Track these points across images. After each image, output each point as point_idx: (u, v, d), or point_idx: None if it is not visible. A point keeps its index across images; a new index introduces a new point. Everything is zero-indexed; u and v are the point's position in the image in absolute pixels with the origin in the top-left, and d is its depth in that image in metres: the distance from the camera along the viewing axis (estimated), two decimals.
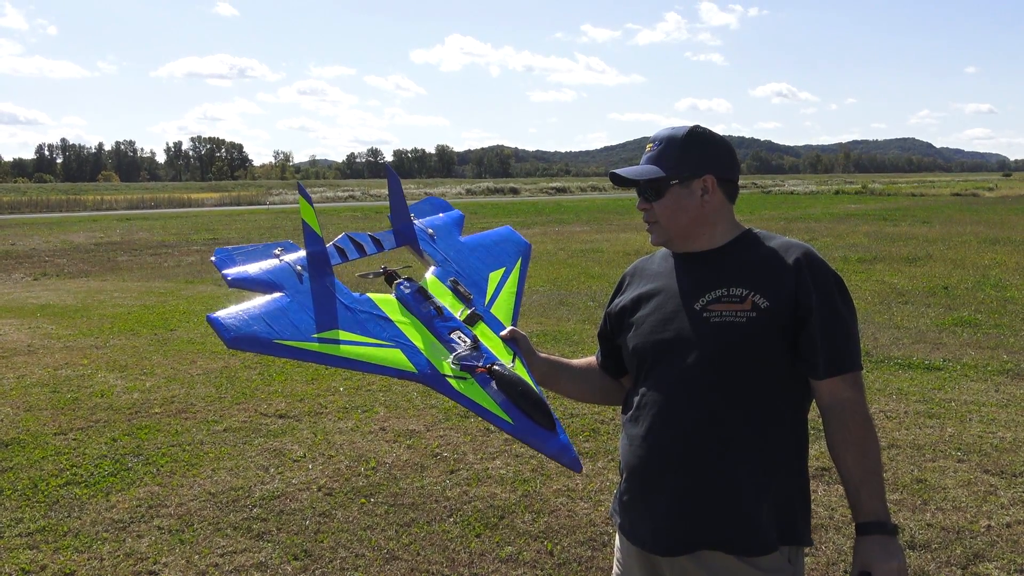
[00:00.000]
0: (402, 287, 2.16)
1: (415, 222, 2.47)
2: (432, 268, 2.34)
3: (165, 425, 5.75)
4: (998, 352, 7.56)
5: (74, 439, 5.47)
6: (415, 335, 2.01)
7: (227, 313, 1.86)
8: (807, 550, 3.70)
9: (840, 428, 1.80)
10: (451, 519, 4.22)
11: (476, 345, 1.98)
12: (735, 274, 1.88)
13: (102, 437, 5.50)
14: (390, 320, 2.04)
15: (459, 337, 2.00)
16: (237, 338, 1.81)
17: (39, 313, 10.58)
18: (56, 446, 5.33)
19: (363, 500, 4.45)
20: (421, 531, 4.09)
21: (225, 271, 2.09)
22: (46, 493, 4.58)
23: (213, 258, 2.14)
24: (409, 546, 3.94)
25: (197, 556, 3.85)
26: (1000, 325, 8.81)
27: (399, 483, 4.68)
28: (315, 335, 1.90)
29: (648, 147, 1.99)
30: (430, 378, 1.89)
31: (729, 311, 1.83)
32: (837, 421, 1.81)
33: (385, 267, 2.30)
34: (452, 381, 1.87)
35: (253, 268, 2.11)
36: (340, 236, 2.37)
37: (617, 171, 1.97)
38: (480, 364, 1.89)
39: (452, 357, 1.92)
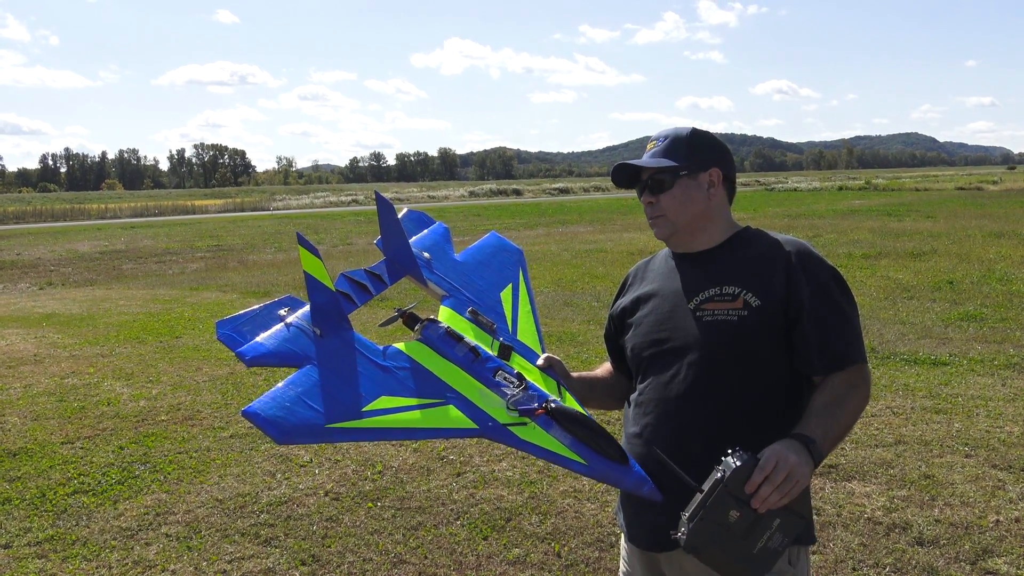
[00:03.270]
0: (429, 331, 2.03)
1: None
2: (443, 299, 2.24)
3: (172, 432, 5.76)
4: (1004, 346, 7.53)
5: (81, 448, 5.49)
6: (459, 384, 1.89)
7: (263, 405, 1.67)
8: (813, 548, 3.69)
9: (828, 382, 1.78)
10: (458, 522, 4.22)
11: (524, 385, 1.88)
12: (728, 273, 1.88)
13: (109, 445, 5.51)
14: (430, 372, 1.91)
15: (504, 378, 1.90)
16: (286, 432, 1.64)
17: (45, 322, 10.61)
18: (63, 455, 5.34)
19: (370, 504, 4.46)
20: (428, 534, 4.09)
21: (239, 350, 1.90)
22: (54, 502, 4.59)
23: (217, 335, 1.96)
24: (417, 549, 3.94)
25: (205, 563, 3.86)
26: (1006, 319, 8.78)
27: (406, 487, 4.68)
28: (363, 408, 1.75)
29: (651, 145, 1.99)
30: (491, 431, 1.77)
31: (721, 310, 1.83)
32: (830, 379, 1.78)
33: (399, 309, 2.16)
34: (514, 430, 1.77)
35: (268, 341, 1.93)
36: (337, 278, 2.18)
37: (629, 161, 1.96)
38: (537, 405, 1.80)
39: (506, 402, 1.82)
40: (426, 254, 2.36)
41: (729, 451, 1.60)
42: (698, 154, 1.95)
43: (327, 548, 3.98)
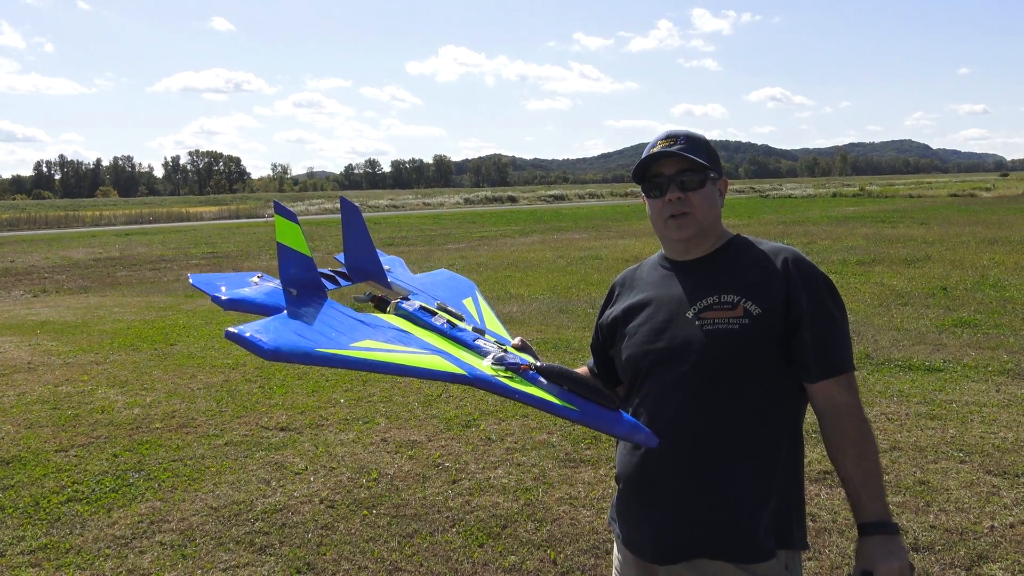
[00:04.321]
0: (403, 305, 2.07)
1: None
2: (410, 295, 2.27)
3: (166, 440, 5.74)
4: (998, 352, 7.55)
5: (75, 456, 5.47)
6: (443, 344, 1.89)
7: (251, 328, 1.63)
8: (807, 555, 3.70)
9: (836, 431, 1.81)
10: (454, 529, 4.21)
11: (504, 348, 1.91)
12: (726, 281, 1.87)
13: (103, 453, 5.49)
14: (411, 333, 1.91)
15: (484, 343, 1.93)
16: (277, 348, 1.59)
17: (39, 330, 10.58)
18: (57, 463, 5.32)
19: (365, 512, 4.45)
20: (424, 542, 4.08)
21: (215, 294, 1.93)
22: (48, 510, 4.57)
23: (191, 281, 2.01)
24: (412, 557, 3.93)
25: (200, 571, 3.84)
26: (1000, 325, 8.81)
27: (401, 494, 4.67)
28: (351, 344, 1.73)
29: (667, 141, 1.93)
30: (481, 380, 1.74)
31: (722, 319, 1.83)
32: (833, 425, 1.81)
33: (370, 293, 2.22)
34: (505, 380, 1.75)
35: (245, 291, 1.96)
36: None
37: (671, 149, 1.90)
38: (522, 363, 1.80)
39: (490, 359, 1.82)
40: (387, 266, 2.42)
41: None
42: (715, 160, 1.96)
43: (322, 556, 3.97)
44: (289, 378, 7.32)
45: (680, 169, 1.91)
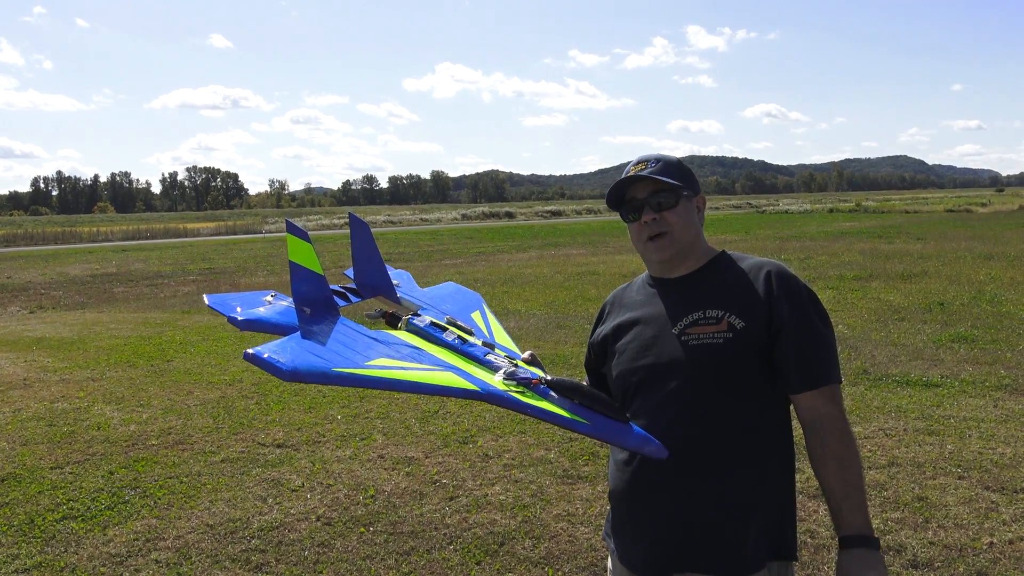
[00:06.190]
0: (415, 321, 2.10)
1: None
2: (420, 310, 2.30)
3: (162, 457, 5.72)
4: (995, 367, 7.55)
5: (71, 473, 5.44)
6: (454, 359, 1.92)
7: (269, 349, 1.64)
8: (805, 572, 3.68)
9: (819, 443, 1.82)
10: (451, 546, 4.19)
11: (516, 363, 1.93)
12: (710, 296, 1.90)
13: (99, 470, 5.47)
14: (422, 349, 1.94)
15: (495, 358, 1.95)
16: (295, 369, 1.60)
17: (35, 346, 10.55)
18: (52, 480, 5.29)
19: (362, 529, 4.43)
20: (421, 559, 4.06)
21: (231, 314, 1.98)
22: (43, 528, 4.54)
23: (208, 302, 2.05)
24: (409, 575, 3.91)
25: None
26: (997, 340, 8.81)
27: (398, 511, 4.65)
28: (366, 363, 1.75)
29: (640, 167, 1.98)
30: (494, 395, 1.76)
31: (707, 333, 1.85)
32: (816, 436, 1.82)
33: (381, 309, 2.24)
34: (516, 395, 1.77)
35: (261, 312, 2.00)
36: None
37: (641, 173, 1.94)
38: (532, 377, 1.82)
39: (501, 375, 1.84)
40: (395, 281, 2.44)
41: None
42: (689, 179, 1.99)
43: (319, 574, 3.94)
44: (286, 395, 7.30)
45: (652, 191, 1.94)
